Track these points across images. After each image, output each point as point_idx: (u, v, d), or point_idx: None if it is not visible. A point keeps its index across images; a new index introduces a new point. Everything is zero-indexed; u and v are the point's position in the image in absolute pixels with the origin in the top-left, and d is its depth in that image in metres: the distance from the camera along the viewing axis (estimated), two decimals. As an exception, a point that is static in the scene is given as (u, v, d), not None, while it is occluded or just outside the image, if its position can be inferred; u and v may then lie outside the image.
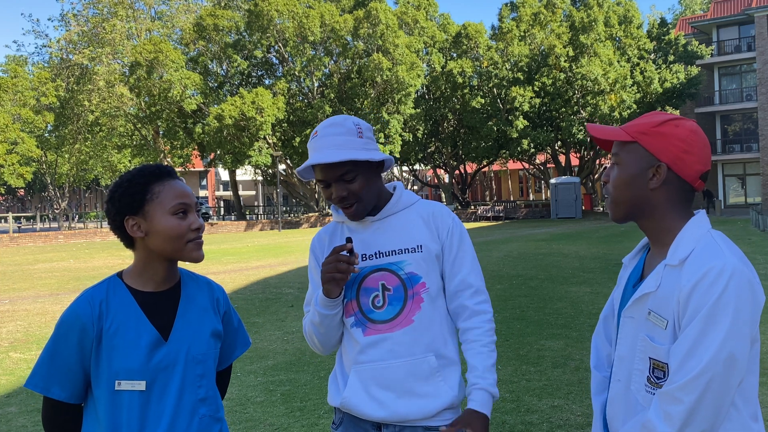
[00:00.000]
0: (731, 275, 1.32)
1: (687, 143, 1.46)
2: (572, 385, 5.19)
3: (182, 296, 1.71)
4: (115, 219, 1.65)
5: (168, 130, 38.68)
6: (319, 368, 5.97)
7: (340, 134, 1.79)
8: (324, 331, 1.84)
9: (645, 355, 1.46)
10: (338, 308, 1.80)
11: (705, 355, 1.31)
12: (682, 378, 1.33)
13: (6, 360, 6.74)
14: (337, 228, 1.95)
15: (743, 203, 41.19)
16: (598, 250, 16.87)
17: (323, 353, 1.93)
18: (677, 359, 1.35)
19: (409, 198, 1.92)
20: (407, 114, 37.57)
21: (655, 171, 1.47)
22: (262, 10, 35.36)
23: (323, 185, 1.84)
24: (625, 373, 1.52)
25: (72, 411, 1.64)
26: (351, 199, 1.80)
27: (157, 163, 1.69)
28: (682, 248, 1.42)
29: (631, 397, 1.49)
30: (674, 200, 1.49)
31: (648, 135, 1.48)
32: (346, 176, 1.78)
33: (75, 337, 1.58)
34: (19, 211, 73.21)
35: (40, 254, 22.55)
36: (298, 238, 27.60)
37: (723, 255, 1.36)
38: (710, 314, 1.31)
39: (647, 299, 1.46)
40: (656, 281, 1.45)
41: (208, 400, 1.69)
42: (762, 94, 38.96)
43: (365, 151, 1.79)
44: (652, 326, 1.44)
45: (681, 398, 1.32)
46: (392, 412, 1.78)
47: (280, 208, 37.92)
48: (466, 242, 1.90)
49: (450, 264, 1.86)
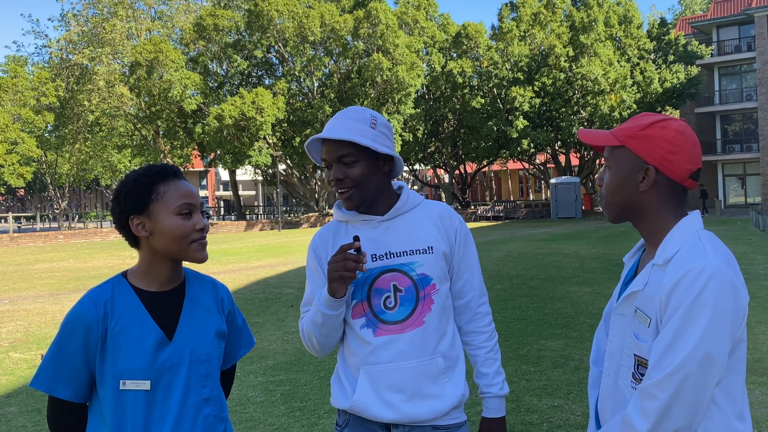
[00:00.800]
0: (711, 275, 1.34)
1: (673, 144, 1.47)
2: (572, 385, 5.20)
3: (187, 296, 1.71)
4: (120, 218, 1.65)
5: (168, 130, 38.68)
6: (319, 368, 5.97)
7: (353, 120, 1.81)
8: (326, 333, 1.82)
9: (631, 351, 1.49)
10: (342, 308, 1.78)
11: (681, 353, 1.33)
12: (657, 374, 1.35)
13: (6, 360, 6.74)
14: (341, 227, 1.93)
15: (743, 203, 41.18)
16: (598, 250, 16.87)
17: (320, 355, 1.91)
18: (655, 356, 1.38)
19: (416, 198, 1.92)
20: (407, 114, 37.57)
21: (644, 174, 1.49)
22: (262, 10, 35.36)
23: (326, 166, 1.85)
24: (614, 368, 1.55)
25: (77, 410, 1.65)
26: (347, 183, 1.80)
27: (163, 163, 1.70)
28: (669, 248, 1.45)
29: (619, 392, 1.52)
30: (666, 201, 1.51)
31: (634, 138, 1.50)
32: (345, 158, 1.78)
33: (80, 336, 1.59)
34: (19, 211, 73.20)
35: (40, 254, 22.55)
36: (298, 238, 27.60)
37: (705, 255, 1.38)
38: (688, 313, 1.34)
39: (635, 297, 1.50)
40: (644, 280, 1.48)
41: (213, 400, 1.69)
42: (762, 94, 38.95)
43: (371, 140, 1.79)
44: (637, 324, 1.47)
45: (656, 394, 1.35)
46: (403, 413, 1.78)
47: (280, 208, 37.92)
48: (471, 244, 1.93)
49: (457, 265, 1.89)
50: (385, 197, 1.88)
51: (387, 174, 1.87)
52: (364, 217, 1.87)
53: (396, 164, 1.89)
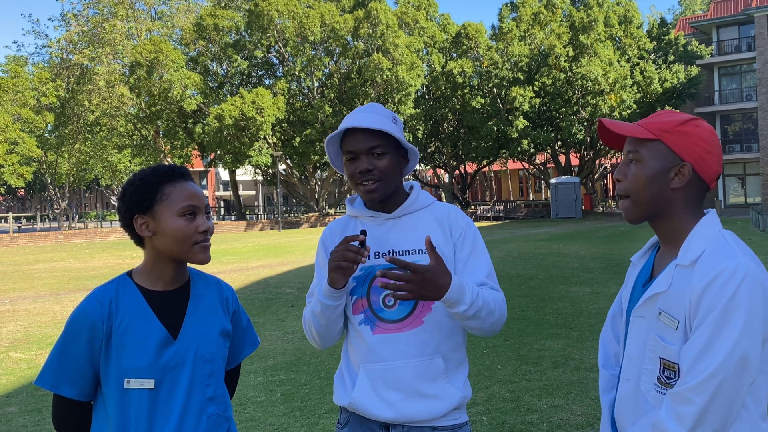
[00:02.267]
0: (744, 277, 1.32)
1: (708, 143, 1.46)
2: (572, 385, 5.20)
3: (191, 295, 1.72)
4: (124, 217, 1.66)
5: (168, 130, 38.67)
6: (319, 368, 5.97)
7: (377, 113, 1.81)
8: (324, 323, 1.81)
9: (655, 354, 1.45)
10: (341, 300, 1.76)
11: (717, 356, 1.31)
12: (693, 379, 1.33)
13: (6, 360, 6.74)
14: (350, 222, 1.93)
15: (743, 203, 41.19)
16: (598, 250, 16.87)
17: (320, 347, 1.90)
18: (689, 360, 1.34)
19: (426, 199, 1.91)
20: (407, 114, 37.56)
21: (678, 171, 1.46)
22: (262, 10, 35.36)
23: (349, 158, 1.81)
24: (634, 372, 1.51)
25: (81, 408, 1.65)
26: (374, 175, 1.78)
27: (172, 164, 1.70)
28: (693, 248, 1.42)
29: (641, 396, 1.49)
30: (691, 200, 1.49)
31: (671, 134, 1.46)
32: (376, 149, 1.77)
33: (85, 335, 1.59)
34: (19, 211, 73.21)
35: (40, 254, 22.55)
36: (298, 238, 27.59)
37: (736, 256, 1.36)
38: (723, 315, 1.31)
39: (658, 299, 1.46)
40: (667, 281, 1.44)
41: (217, 399, 1.70)
42: (762, 94, 38.95)
43: (400, 133, 1.81)
44: (662, 326, 1.44)
45: (693, 399, 1.32)
46: (400, 413, 1.78)
47: (280, 208, 37.92)
48: (479, 243, 1.87)
49: (463, 264, 1.84)
50: (397, 195, 1.88)
51: (401, 171, 1.89)
52: (371, 214, 1.87)
53: (410, 162, 1.91)
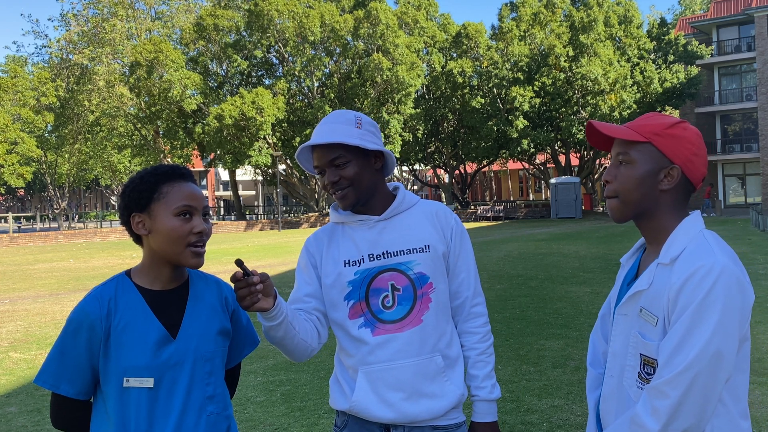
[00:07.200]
0: (720, 273, 1.34)
1: (696, 146, 1.49)
2: (572, 385, 5.20)
3: (190, 294, 1.72)
4: (123, 214, 1.67)
5: (168, 130, 38.68)
6: (319, 368, 5.97)
7: (338, 123, 1.82)
8: (278, 341, 1.74)
9: (636, 351, 1.48)
10: (278, 320, 1.67)
11: (691, 350, 1.33)
12: (668, 373, 1.35)
13: (6, 360, 6.74)
14: (336, 229, 1.93)
15: (743, 203, 41.19)
16: (598, 250, 16.87)
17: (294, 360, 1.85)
18: (665, 355, 1.37)
19: (412, 198, 1.94)
20: (407, 114, 37.56)
21: (668, 173, 1.49)
22: (262, 10, 35.36)
23: (319, 173, 1.85)
24: (618, 369, 1.55)
25: (81, 407, 1.66)
26: (342, 184, 1.80)
27: (174, 164, 1.70)
28: (674, 247, 1.45)
29: (624, 392, 1.52)
30: (677, 201, 1.52)
31: (661, 136, 1.49)
32: (336, 161, 1.79)
33: (84, 334, 1.60)
34: (19, 211, 73.21)
35: (40, 254, 22.55)
36: (298, 238, 27.59)
37: (713, 254, 1.38)
38: (698, 311, 1.34)
39: (640, 297, 1.49)
40: (648, 279, 1.47)
41: (216, 398, 1.70)
42: (762, 94, 38.95)
43: (359, 139, 1.80)
44: (643, 323, 1.47)
45: (667, 393, 1.35)
46: (401, 413, 1.78)
47: (280, 208, 37.93)
48: (467, 243, 1.93)
49: (453, 264, 1.89)
50: (380, 196, 1.88)
51: (380, 171, 1.88)
52: (361, 218, 1.87)
53: (387, 160, 1.90)
